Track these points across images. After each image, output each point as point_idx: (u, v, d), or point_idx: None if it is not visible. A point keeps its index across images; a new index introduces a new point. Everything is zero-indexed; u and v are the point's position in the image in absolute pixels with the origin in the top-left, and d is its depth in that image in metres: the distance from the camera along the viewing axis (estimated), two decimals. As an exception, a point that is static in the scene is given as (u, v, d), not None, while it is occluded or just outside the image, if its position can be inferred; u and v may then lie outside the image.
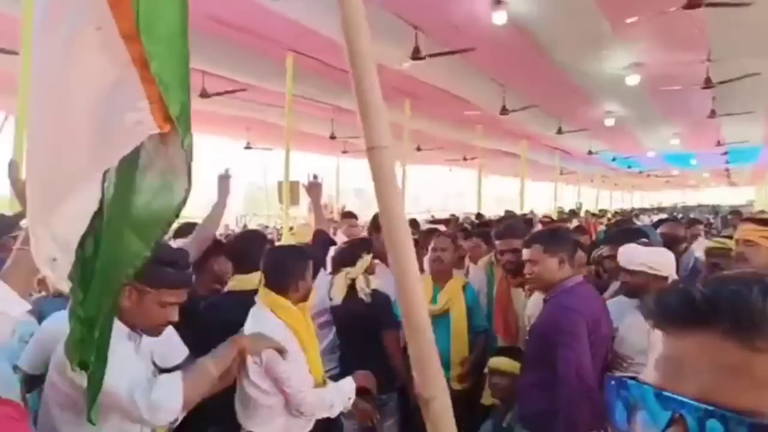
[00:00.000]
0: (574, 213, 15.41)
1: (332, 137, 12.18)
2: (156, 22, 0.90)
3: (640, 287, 2.72)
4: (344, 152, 15.28)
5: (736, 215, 7.77)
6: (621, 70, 9.33)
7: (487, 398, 3.43)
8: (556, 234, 2.84)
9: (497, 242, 3.66)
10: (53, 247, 1.05)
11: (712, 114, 11.44)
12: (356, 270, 3.19)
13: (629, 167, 23.20)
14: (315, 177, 3.79)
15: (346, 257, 3.29)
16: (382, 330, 3.15)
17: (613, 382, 0.55)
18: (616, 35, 7.80)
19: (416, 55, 6.84)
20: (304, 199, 6.41)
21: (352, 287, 3.16)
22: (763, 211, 13.79)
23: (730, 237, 3.60)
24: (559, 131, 13.20)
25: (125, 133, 0.92)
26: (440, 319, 3.55)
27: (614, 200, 34.56)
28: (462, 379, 3.57)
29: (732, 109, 11.61)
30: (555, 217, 14.11)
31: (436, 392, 0.78)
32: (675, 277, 2.90)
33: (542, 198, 23.93)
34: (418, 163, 17.53)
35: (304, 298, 2.47)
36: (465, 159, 17.33)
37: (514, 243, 3.39)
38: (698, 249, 4.52)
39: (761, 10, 6.81)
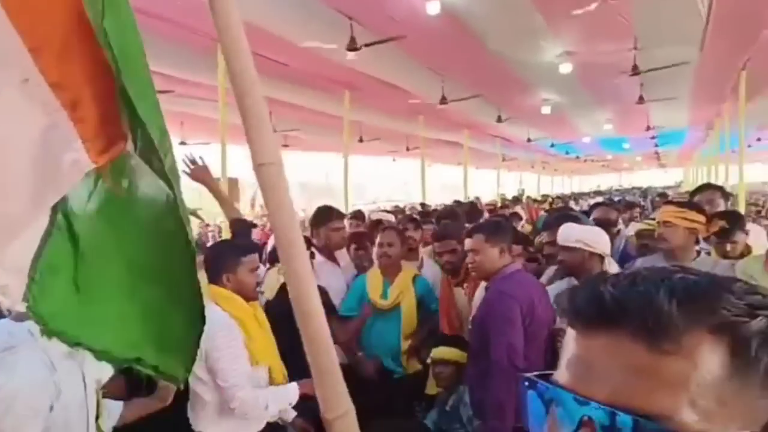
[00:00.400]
0: (516, 199, 15.83)
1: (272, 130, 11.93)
2: (127, 53, 0.99)
3: (577, 265, 2.81)
4: (285, 146, 15.03)
5: (662, 198, 8.14)
6: (554, 58, 9.57)
7: (431, 388, 3.47)
8: (498, 224, 2.91)
9: (435, 244, 3.72)
10: (2, 275, 1.09)
11: (641, 100, 11.90)
12: None
13: (567, 153, 23.92)
14: (194, 161, 3.34)
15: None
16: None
17: (525, 383, 0.54)
18: (548, 25, 7.98)
19: (352, 45, 6.77)
20: (245, 195, 6.26)
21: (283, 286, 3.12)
22: (688, 192, 14.51)
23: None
24: (499, 120, 13.43)
25: (64, 173, 1.03)
26: (391, 313, 3.57)
27: (555, 185, 35.66)
28: (413, 365, 3.63)
29: (658, 94, 12.13)
30: (499, 203, 14.46)
31: (339, 411, 0.74)
32: (609, 255, 3.01)
33: (486, 185, 24.37)
34: (361, 154, 17.49)
35: (241, 292, 2.44)
36: (408, 149, 17.40)
37: (452, 244, 3.48)
38: (632, 231, 4.71)
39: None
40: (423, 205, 11.43)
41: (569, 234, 2.89)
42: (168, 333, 1.15)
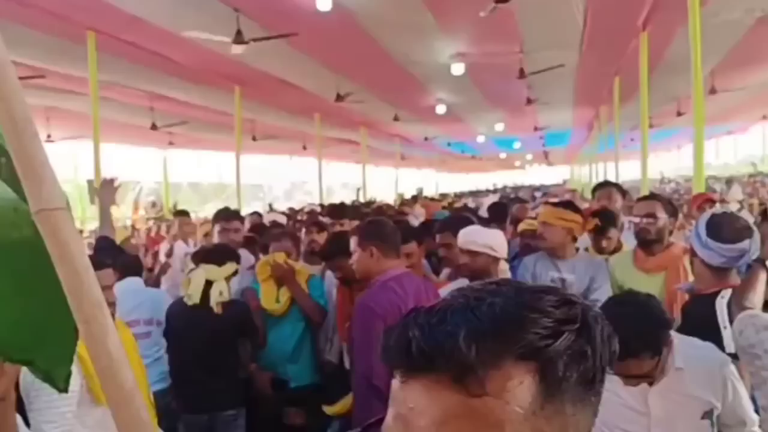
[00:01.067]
0: (415, 199, 16.01)
1: (154, 127, 11.13)
2: None
3: (479, 270, 2.71)
4: (171, 144, 14.18)
5: (546, 196, 8.50)
6: (447, 59, 9.76)
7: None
8: (369, 225, 2.74)
9: (326, 263, 3.63)
10: None
11: (529, 101, 12.50)
12: (218, 272, 3.02)
13: (463, 151, 24.73)
14: (110, 180, 3.57)
15: (213, 256, 3.10)
16: (236, 341, 3.08)
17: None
18: (439, 25, 8.09)
19: (239, 39, 6.44)
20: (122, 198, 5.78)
21: (206, 291, 2.97)
22: (574, 190, 15.46)
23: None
24: (396, 118, 13.53)
25: None
26: (285, 318, 3.40)
27: (453, 183, 36.81)
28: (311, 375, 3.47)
29: (544, 96, 12.80)
30: (398, 202, 14.58)
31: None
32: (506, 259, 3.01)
33: (387, 182, 24.63)
34: (255, 153, 16.96)
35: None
36: (305, 148, 17.11)
37: (343, 261, 3.35)
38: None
39: (566, 5, 7.48)
40: (321, 206, 11.24)
41: (475, 237, 2.76)
42: (49, 340, 1.03)
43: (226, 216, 3.80)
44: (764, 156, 23.88)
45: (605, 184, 4.19)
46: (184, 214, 5.66)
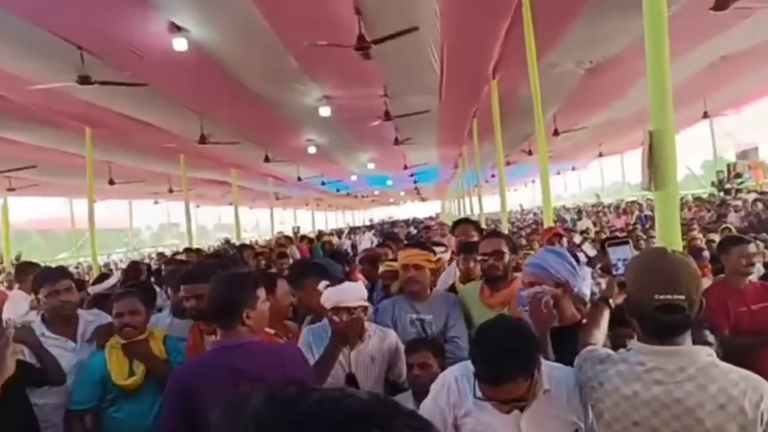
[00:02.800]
0: (290, 239, 15.72)
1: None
2: None
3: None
4: (11, 189, 12.64)
5: (427, 230, 8.73)
6: (314, 102, 9.86)
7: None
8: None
9: (183, 287, 3.20)
10: None
11: (397, 141, 12.99)
12: None
13: (338, 190, 24.98)
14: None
15: None
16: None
17: None
18: (303, 69, 8.16)
19: (85, 80, 6.02)
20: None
21: None
22: (443, 224, 16.14)
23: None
24: (267, 159, 13.36)
25: None
26: (141, 392, 2.92)
27: (330, 221, 36.94)
28: None
29: (411, 137, 13.37)
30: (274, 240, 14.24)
31: None
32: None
33: (264, 222, 24.09)
34: (114, 198, 15.84)
35: None
36: (171, 191, 16.27)
37: (201, 288, 2.96)
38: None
39: (424, 54, 7.91)
40: (188, 250, 10.65)
41: (346, 297, 2.55)
42: None
43: (53, 277, 3.20)
44: (603, 188, 26.84)
45: (463, 221, 4.39)
46: (28, 266, 4.77)
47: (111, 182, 12.63)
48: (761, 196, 11.76)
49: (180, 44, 6.15)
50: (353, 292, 2.57)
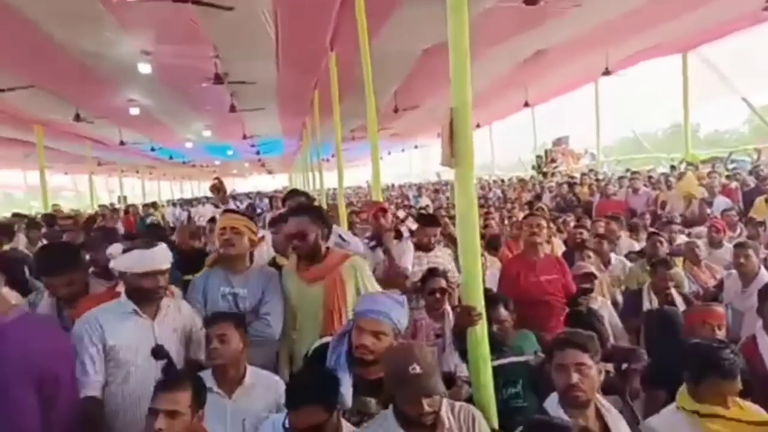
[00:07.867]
0: (114, 209, 14.04)
1: None
2: None
3: None
4: None
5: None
6: (131, 56, 8.71)
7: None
8: None
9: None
10: None
11: (233, 109, 12.08)
12: None
13: (171, 158, 23.08)
14: None
15: None
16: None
17: None
18: (114, 17, 7.09)
19: None
20: None
21: None
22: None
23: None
24: (78, 118, 11.71)
25: None
26: None
27: (165, 190, 34.33)
28: None
29: (249, 105, 12.56)
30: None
31: None
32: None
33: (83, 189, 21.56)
34: None
35: None
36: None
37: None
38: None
39: (254, 15, 7.25)
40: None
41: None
42: None
43: None
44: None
45: (294, 193, 4.33)
46: None
47: None
48: (569, 179, 12.91)
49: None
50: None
